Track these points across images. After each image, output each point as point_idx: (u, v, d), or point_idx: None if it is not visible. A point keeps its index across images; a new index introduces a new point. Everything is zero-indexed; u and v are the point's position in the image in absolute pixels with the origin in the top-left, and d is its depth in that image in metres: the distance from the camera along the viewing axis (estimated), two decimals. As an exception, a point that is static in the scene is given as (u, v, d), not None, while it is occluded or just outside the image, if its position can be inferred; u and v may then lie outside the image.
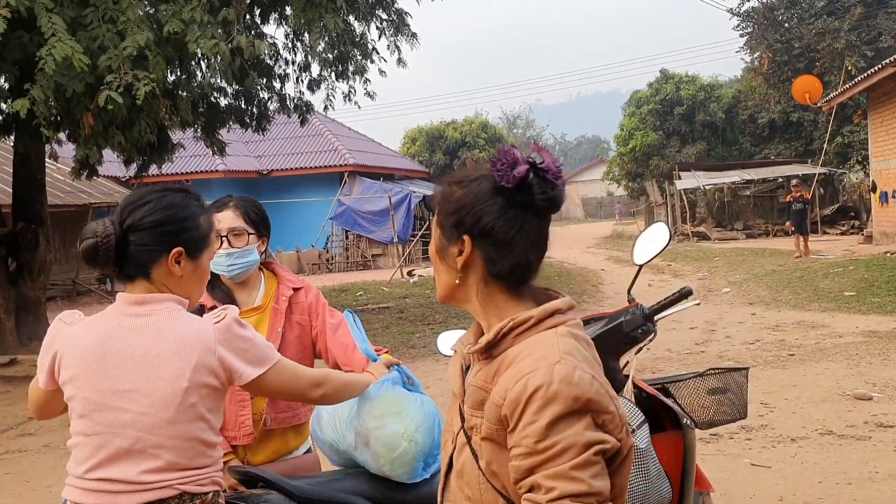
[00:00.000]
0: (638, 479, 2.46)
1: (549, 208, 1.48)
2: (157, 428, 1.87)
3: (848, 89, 21.64)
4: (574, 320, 1.50)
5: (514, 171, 1.45)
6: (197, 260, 2.03)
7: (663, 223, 3.05)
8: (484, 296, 1.52)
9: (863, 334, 9.56)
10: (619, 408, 1.41)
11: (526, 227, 1.48)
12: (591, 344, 1.51)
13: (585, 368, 1.40)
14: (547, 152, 1.50)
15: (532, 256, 1.50)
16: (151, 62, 7.29)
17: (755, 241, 26.03)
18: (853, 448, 5.53)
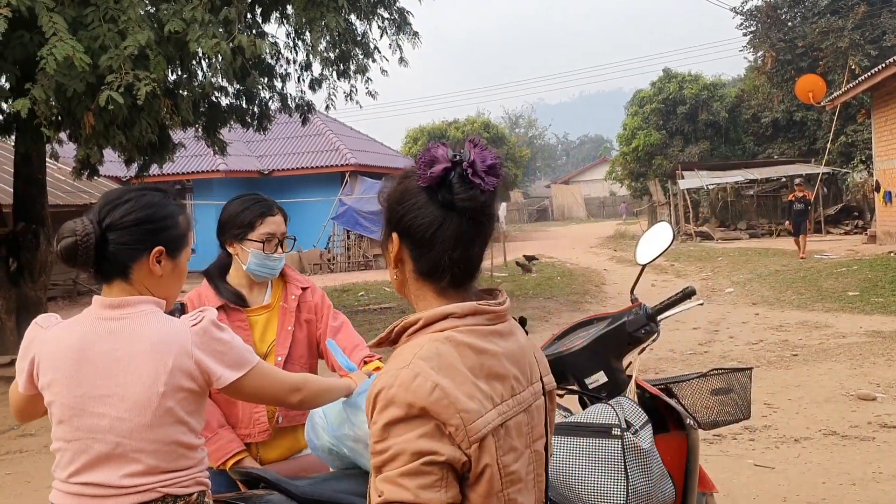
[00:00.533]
0: (641, 480, 2.44)
1: (469, 209, 1.41)
2: (135, 432, 1.87)
3: (851, 88, 21.58)
4: (468, 326, 1.43)
5: (430, 169, 1.41)
6: (176, 259, 2.02)
7: (667, 223, 3.03)
8: (416, 292, 1.50)
9: (866, 334, 9.52)
10: (467, 423, 1.33)
11: (446, 227, 1.42)
12: (483, 352, 1.41)
13: (431, 376, 1.34)
14: (481, 147, 1.45)
15: (453, 256, 1.43)
16: (152, 62, 7.27)
17: (759, 241, 25.98)
18: (857, 448, 5.51)
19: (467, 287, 1.49)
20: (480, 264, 1.51)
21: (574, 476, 2.44)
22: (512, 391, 1.45)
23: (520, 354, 1.49)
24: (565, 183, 70.00)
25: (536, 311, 12.95)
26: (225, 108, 11.30)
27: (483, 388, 1.39)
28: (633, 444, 2.46)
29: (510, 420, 1.43)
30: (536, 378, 1.53)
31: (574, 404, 3.00)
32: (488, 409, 1.38)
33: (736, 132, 34.29)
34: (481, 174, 1.41)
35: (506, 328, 1.49)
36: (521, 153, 44.30)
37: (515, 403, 1.44)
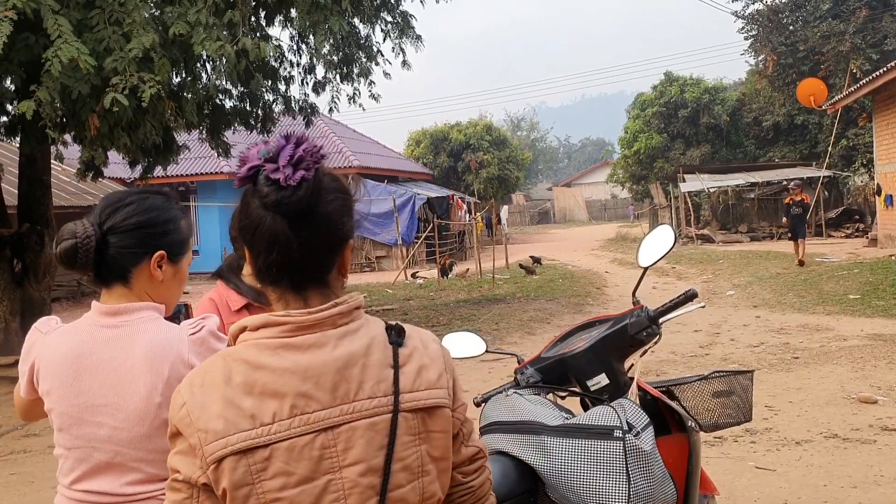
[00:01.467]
0: (643, 482, 2.45)
1: (274, 205, 1.33)
2: (135, 442, 1.85)
3: (853, 92, 21.60)
4: (257, 339, 1.36)
5: (239, 170, 1.37)
6: (177, 264, 2.00)
7: (668, 225, 3.05)
8: (269, 297, 1.44)
9: (868, 337, 9.54)
10: (203, 443, 1.29)
11: (262, 229, 1.35)
12: (260, 367, 1.33)
13: (183, 394, 1.34)
14: (295, 141, 1.37)
15: (270, 259, 1.36)
16: (157, 64, 7.30)
17: (759, 244, 26.00)
18: (858, 451, 5.52)
19: (311, 290, 1.39)
20: (323, 269, 1.40)
21: (575, 478, 2.44)
22: (292, 410, 1.31)
23: (324, 370, 1.33)
24: (567, 185, 70.00)
25: (538, 313, 12.97)
26: (229, 110, 11.33)
27: (245, 406, 1.30)
28: (635, 447, 2.46)
29: (282, 442, 1.30)
30: (364, 396, 1.34)
31: (576, 406, 3.02)
32: (241, 430, 1.29)
33: (737, 135, 34.29)
34: (284, 169, 1.33)
35: (310, 340, 1.35)
36: (524, 156, 44.29)
37: (300, 423, 1.31)
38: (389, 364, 1.38)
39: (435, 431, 1.41)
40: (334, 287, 1.43)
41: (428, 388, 1.41)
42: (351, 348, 1.36)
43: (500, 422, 2.63)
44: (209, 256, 26.73)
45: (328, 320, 1.36)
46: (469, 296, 16.12)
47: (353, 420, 1.33)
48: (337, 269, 1.43)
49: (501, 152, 40.22)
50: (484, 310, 13.66)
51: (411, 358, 1.42)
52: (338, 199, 1.40)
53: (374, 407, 1.35)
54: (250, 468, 1.29)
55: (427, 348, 1.46)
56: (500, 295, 15.85)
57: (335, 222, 1.39)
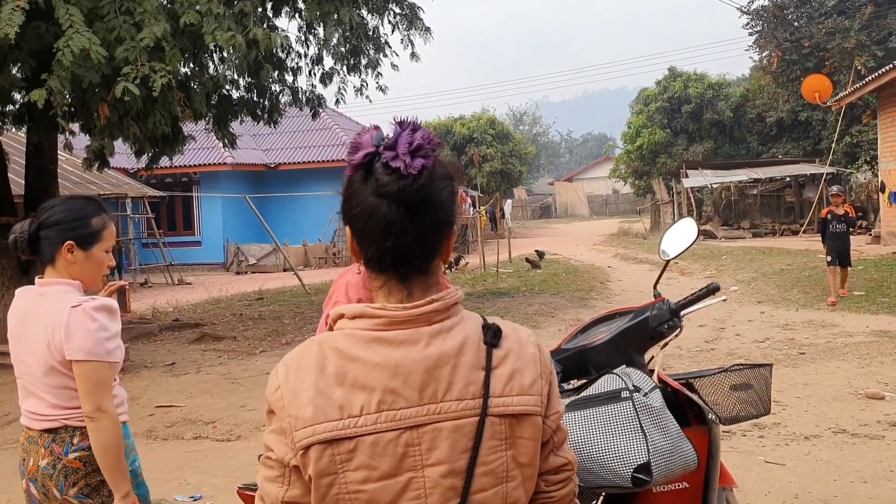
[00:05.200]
0: (660, 437, 2.44)
1: (393, 194, 1.32)
2: (38, 378, 2.60)
3: (858, 89, 21.58)
4: (353, 329, 1.36)
5: (353, 156, 1.36)
6: (87, 251, 2.63)
7: (691, 219, 3.06)
8: (371, 285, 1.43)
9: (873, 334, 9.55)
10: (294, 428, 1.32)
11: (377, 216, 1.34)
12: (354, 359, 1.34)
13: (280, 376, 1.37)
14: (411, 128, 1.35)
15: (384, 247, 1.35)
16: (168, 54, 7.30)
17: (762, 241, 26.00)
18: (867, 447, 5.54)
19: (415, 281, 1.39)
20: (430, 255, 1.39)
21: (593, 446, 2.45)
22: (380, 406, 1.31)
23: (414, 368, 1.33)
24: (568, 181, 69.98)
25: (543, 307, 12.98)
26: (236, 101, 11.33)
27: (336, 396, 1.32)
28: (644, 403, 2.46)
29: (368, 436, 1.31)
30: (452, 397, 1.33)
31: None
32: (329, 420, 1.31)
33: (740, 131, 34.28)
34: (403, 157, 1.32)
35: (403, 336, 1.35)
36: (527, 150, 44.27)
37: (386, 419, 1.31)
38: (481, 366, 1.37)
39: (523, 438, 1.38)
40: (435, 274, 1.43)
41: (520, 393, 1.38)
42: (443, 348, 1.35)
43: None
44: (211, 247, 26.76)
45: (423, 317, 1.36)
46: (473, 289, 16.14)
47: (439, 421, 1.33)
48: (441, 256, 1.43)
49: (505, 146, 40.22)
50: (489, 304, 13.68)
51: (505, 361, 1.39)
52: (448, 186, 1.39)
53: (461, 409, 1.34)
54: (335, 458, 1.31)
55: (523, 351, 1.42)
56: (505, 289, 15.87)
57: (447, 210, 1.39)
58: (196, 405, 7.72)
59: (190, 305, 15.74)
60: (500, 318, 1.47)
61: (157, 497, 5.23)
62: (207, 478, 5.57)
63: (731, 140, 34.46)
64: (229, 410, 7.44)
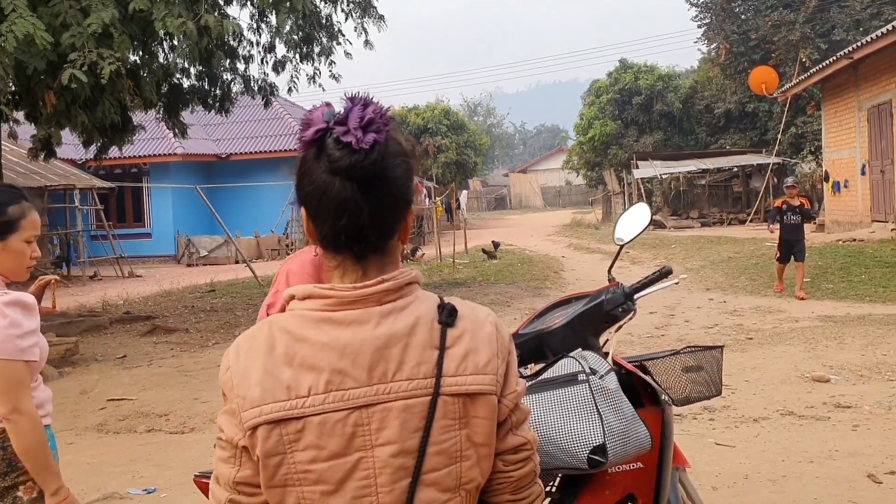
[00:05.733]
0: (615, 419, 2.49)
1: (345, 170, 1.30)
2: None
3: (802, 81, 22.07)
4: (303, 310, 1.35)
5: (304, 133, 1.33)
6: (3, 241, 2.54)
7: (644, 203, 3.10)
8: (327, 264, 1.42)
9: (818, 319, 9.81)
10: (241, 409, 1.32)
11: (330, 194, 1.32)
12: (302, 340, 1.33)
13: (230, 357, 1.37)
14: (362, 103, 1.34)
15: (337, 225, 1.33)
16: (116, 41, 7.15)
17: (710, 230, 26.47)
18: (813, 428, 5.70)
19: (371, 260, 1.37)
20: (386, 234, 1.38)
21: (550, 429, 2.48)
22: (328, 386, 1.30)
23: (361, 348, 1.31)
24: (523, 172, 70.34)
25: (499, 297, 13.06)
26: (187, 89, 11.15)
27: (283, 377, 1.31)
28: (600, 386, 2.51)
29: (316, 416, 1.30)
30: (402, 377, 1.32)
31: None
32: (276, 400, 1.30)
33: (689, 123, 34.79)
34: (354, 131, 1.29)
35: (352, 316, 1.33)
36: (481, 141, 44.37)
37: (334, 399, 1.30)
38: (435, 346, 1.35)
39: (478, 417, 1.36)
40: (393, 254, 1.41)
41: (474, 372, 1.36)
42: (394, 327, 1.33)
43: None
44: (162, 239, 26.33)
45: (373, 297, 1.34)
46: (430, 280, 16.16)
47: (389, 401, 1.32)
48: (399, 235, 1.41)
49: (460, 137, 40.26)
50: (445, 293, 13.36)
51: (460, 340, 1.37)
52: (404, 162, 1.37)
53: (411, 389, 1.32)
54: (283, 438, 1.30)
55: (479, 330, 1.39)
56: (461, 279, 15.93)
57: (402, 186, 1.37)
58: (149, 398, 7.62)
59: (141, 298, 15.48)
60: (459, 299, 1.46)
61: (111, 490, 5.16)
62: (161, 470, 5.50)
63: (681, 131, 34.97)
64: (182, 402, 7.36)
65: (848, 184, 20.43)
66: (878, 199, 18.63)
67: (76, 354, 9.37)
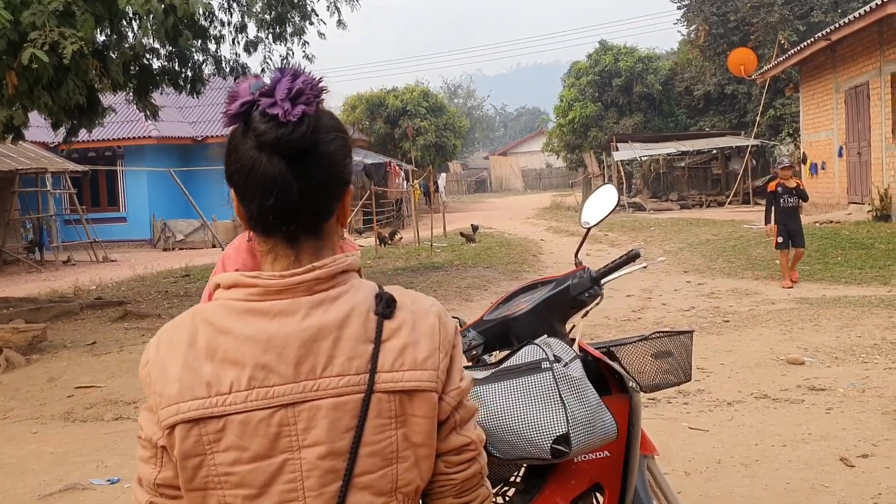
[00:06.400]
0: (579, 407, 2.44)
1: (272, 144, 1.21)
2: None
3: (781, 62, 22.09)
4: (227, 299, 1.26)
5: (230, 107, 1.24)
6: None
7: (612, 185, 3.02)
8: (259, 249, 1.32)
9: (794, 301, 9.81)
10: (159, 406, 1.23)
11: (258, 171, 1.23)
12: (225, 332, 1.23)
13: (151, 348, 1.28)
14: (291, 74, 1.24)
15: (265, 204, 1.24)
16: (79, 19, 6.96)
17: (689, 212, 26.53)
18: (787, 411, 5.68)
19: (304, 243, 1.28)
20: (320, 215, 1.29)
21: (512, 418, 2.43)
22: (250, 382, 1.21)
23: (289, 341, 1.22)
24: (503, 154, 70.25)
25: (476, 280, 12.99)
26: (157, 70, 10.94)
27: (204, 372, 1.22)
28: (564, 374, 2.46)
29: (237, 415, 1.21)
30: (332, 373, 1.23)
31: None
32: (195, 398, 1.21)
33: (669, 105, 34.83)
34: (282, 103, 1.20)
35: (278, 307, 1.24)
36: (461, 123, 44.16)
37: (257, 397, 1.21)
38: (369, 339, 1.25)
39: (416, 416, 1.27)
40: (330, 239, 1.32)
41: (412, 368, 1.27)
42: (324, 319, 1.24)
43: None
44: (137, 223, 26.03)
45: (302, 285, 1.25)
46: (407, 263, 16.07)
47: (317, 398, 1.22)
48: (336, 218, 1.32)
49: (439, 119, 40.03)
50: (422, 277, 13.63)
51: (398, 333, 1.27)
52: (338, 138, 1.29)
53: (342, 386, 1.23)
54: (202, 438, 1.22)
55: (420, 322, 1.30)
56: (438, 263, 15.84)
57: (337, 163, 1.28)
58: (117, 385, 7.48)
59: (114, 283, 15.28)
60: (400, 288, 1.37)
61: (73, 481, 5.05)
62: (126, 459, 5.39)
63: (660, 113, 35.01)
64: (152, 390, 7.23)
65: (825, 166, 20.50)
66: (854, 180, 18.71)
67: (44, 341, 9.20)
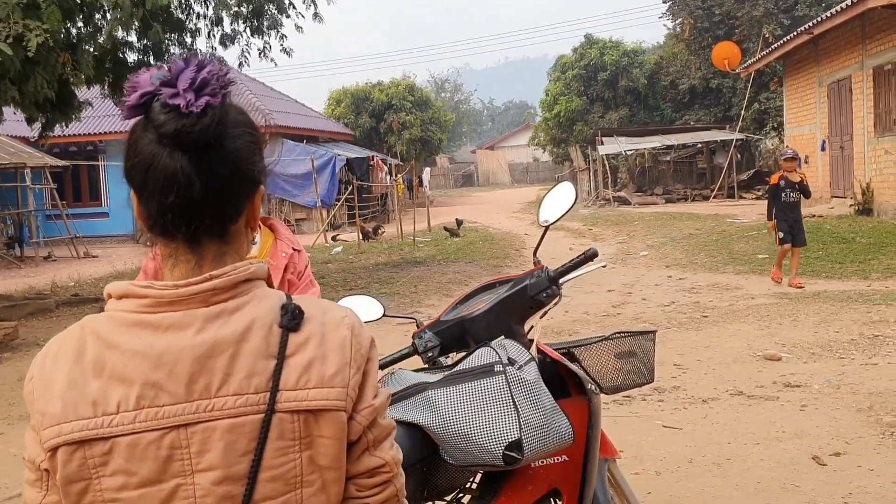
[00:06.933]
0: (532, 412, 2.37)
1: (172, 136, 1.13)
2: None
3: (764, 56, 22.07)
4: (117, 311, 1.17)
5: (129, 98, 1.15)
6: None
7: (569, 182, 2.95)
8: (160, 254, 1.24)
9: (774, 296, 9.79)
10: (40, 427, 1.14)
11: (157, 166, 1.14)
12: (113, 346, 1.14)
13: (37, 363, 1.19)
14: (195, 64, 1.16)
15: (165, 203, 1.15)
16: (45, 12, 6.83)
17: (674, 206, 26.52)
18: (762, 408, 5.63)
19: (207, 247, 1.20)
20: (226, 216, 1.20)
21: (465, 423, 2.36)
22: (139, 402, 1.12)
23: (180, 357, 1.13)
24: (490, 149, 70.13)
25: (457, 276, 12.92)
26: (132, 64, 10.78)
27: (90, 389, 1.13)
28: (518, 377, 2.39)
29: (125, 436, 1.12)
30: (229, 391, 1.14)
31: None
32: (79, 417, 1.12)
33: (654, 99, 34.80)
34: (185, 94, 1.12)
35: (170, 319, 1.15)
36: (446, 117, 44.03)
37: (146, 417, 1.12)
38: (272, 354, 1.16)
39: (323, 437, 1.18)
40: (236, 243, 1.24)
41: (318, 385, 1.17)
42: (220, 333, 1.15)
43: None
44: (119, 218, 25.78)
45: (198, 296, 1.16)
46: (389, 259, 15.98)
47: (212, 419, 1.14)
48: (244, 220, 1.24)
49: (424, 113, 39.89)
50: (403, 273, 13.54)
51: (304, 347, 1.18)
52: (247, 133, 1.21)
53: (239, 406, 1.14)
54: (87, 462, 1.13)
55: (330, 335, 1.21)
56: (420, 258, 15.75)
57: (245, 160, 1.19)
58: (88, 384, 7.37)
59: (93, 279, 15.13)
60: (312, 298, 1.29)
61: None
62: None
63: (646, 107, 34.98)
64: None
65: (808, 160, 20.51)
66: (837, 174, 18.72)
67: (16, 339, 9.07)
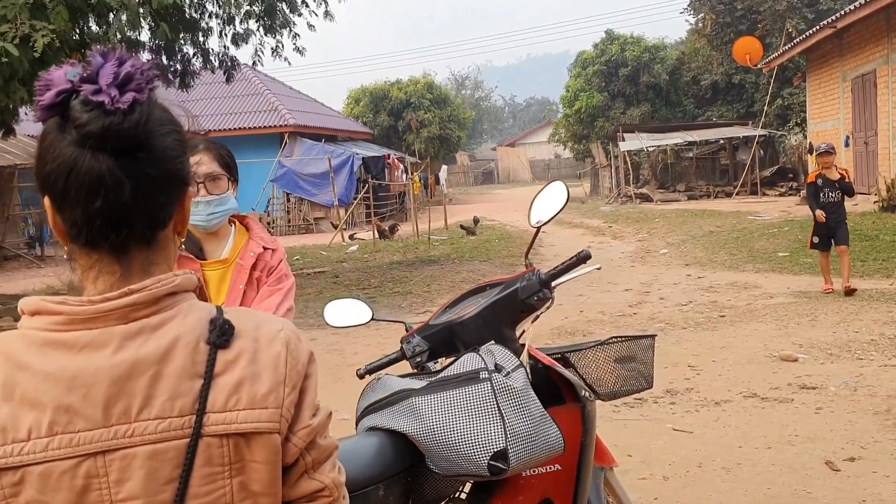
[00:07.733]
0: (519, 420, 2.27)
1: (95, 136, 1.04)
2: None
3: (787, 51, 21.76)
4: (30, 328, 1.08)
5: (43, 97, 1.06)
6: None
7: (561, 181, 2.84)
8: (80, 266, 1.14)
9: (793, 295, 9.59)
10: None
11: (79, 170, 1.05)
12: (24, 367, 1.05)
13: None
14: (117, 59, 1.07)
15: (91, 208, 1.06)
16: (52, 12, 6.81)
17: (696, 203, 26.24)
18: (775, 411, 5.49)
19: (135, 255, 1.11)
20: (156, 221, 1.12)
21: (448, 432, 2.27)
22: (52, 427, 1.04)
23: (96, 379, 1.05)
24: (511, 146, 69.90)
25: (471, 275, 12.82)
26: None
27: (2, 414, 1.04)
28: (504, 385, 2.29)
29: (37, 466, 1.04)
30: (150, 415, 1.06)
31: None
32: None
33: (676, 94, 34.47)
34: (108, 89, 1.03)
35: (85, 338, 1.06)
36: (465, 115, 43.90)
37: (60, 444, 1.04)
38: (198, 374, 1.08)
39: (255, 462, 1.11)
40: (165, 251, 1.16)
41: (249, 407, 1.10)
42: (141, 352, 1.07)
43: (373, 402, 2.47)
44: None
45: (116, 313, 1.07)
46: (404, 257, 15.91)
47: (132, 446, 1.06)
48: (173, 225, 1.16)
49: (443, 111, 39.80)
50: (416, 272, 13.46)
51: (233, 365, 1.10)
52: (173, 132, 1.12)
53: (161, 430, 1.06)
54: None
55: (263, 352, 1.13)
56: (435, 257, 15.67)
57: (174, 159, 1.12)
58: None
59: (111, 279, 15.19)
60: (246, 310, 1.20)
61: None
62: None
63: (668, 103, 34.66)
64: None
65: (832, 155, 20.19)
66: (861, 170, 18.40)
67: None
